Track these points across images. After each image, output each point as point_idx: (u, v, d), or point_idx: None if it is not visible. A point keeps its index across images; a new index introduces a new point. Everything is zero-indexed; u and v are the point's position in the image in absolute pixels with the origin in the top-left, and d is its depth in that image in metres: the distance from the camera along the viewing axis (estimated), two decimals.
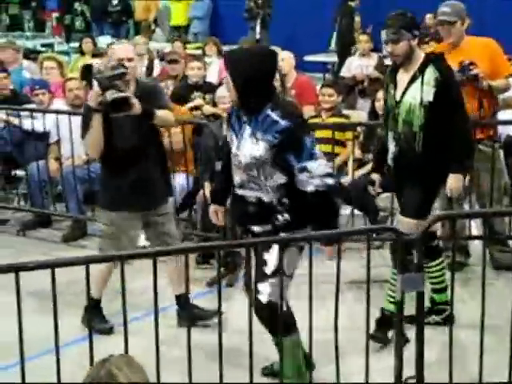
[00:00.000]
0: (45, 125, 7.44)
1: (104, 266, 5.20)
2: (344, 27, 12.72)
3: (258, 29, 13.73)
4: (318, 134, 7.26)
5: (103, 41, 12.97)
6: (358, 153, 7.04)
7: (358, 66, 10.38)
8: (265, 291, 4.22)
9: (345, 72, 10.68)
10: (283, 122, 4.13)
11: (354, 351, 4.60)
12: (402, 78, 5.03)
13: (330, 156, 6.92)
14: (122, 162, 5.24)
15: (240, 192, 4.33)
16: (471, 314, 4.75)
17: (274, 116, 4.15)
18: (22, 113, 7.61)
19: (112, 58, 5.25)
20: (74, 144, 7.08)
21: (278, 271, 3.99)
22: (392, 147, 5.07)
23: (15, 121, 7.59)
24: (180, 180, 7.04)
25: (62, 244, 7.32)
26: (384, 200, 7.13)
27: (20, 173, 7.80)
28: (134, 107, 4.97)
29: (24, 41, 14.25)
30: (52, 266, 3.47)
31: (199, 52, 11.88)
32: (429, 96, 4.87)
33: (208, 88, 8.24)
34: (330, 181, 4.14)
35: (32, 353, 4.21)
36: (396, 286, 3.99)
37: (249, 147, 4.22)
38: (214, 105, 7.51)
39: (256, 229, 4.30)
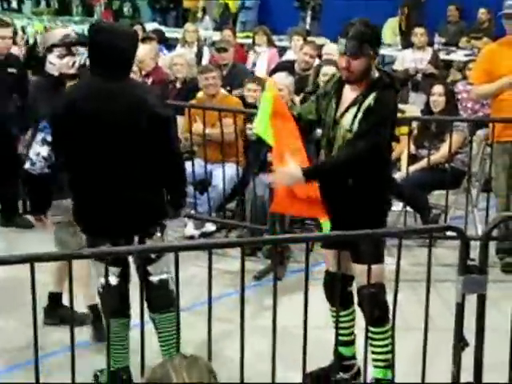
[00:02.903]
0: None
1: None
2: (415, 20, 12.27)
3: (308, 19, 13.56)
4: None
5: (151, 27, 12.92)
6: (412, 148, 6.87)
7: (412, 59, 10.15)
8: None
9: (397, 65, 10.47)
10: None
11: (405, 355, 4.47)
12: (347, 95, 4.23)
13: None
14: None
15: None
16: None
17: None
18: None
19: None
20: None
21: None
22: None
23: None
24: (230, 171, 6.92)
25: None
26: (437, 197, 6.97)
27: None
28: None
29: (72, 25, 14.18)
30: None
31: (249, 41, 11.77)
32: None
33: None
34: (26, 165, 4.32)
35: None
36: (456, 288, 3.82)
37: None
38: None
39: None
